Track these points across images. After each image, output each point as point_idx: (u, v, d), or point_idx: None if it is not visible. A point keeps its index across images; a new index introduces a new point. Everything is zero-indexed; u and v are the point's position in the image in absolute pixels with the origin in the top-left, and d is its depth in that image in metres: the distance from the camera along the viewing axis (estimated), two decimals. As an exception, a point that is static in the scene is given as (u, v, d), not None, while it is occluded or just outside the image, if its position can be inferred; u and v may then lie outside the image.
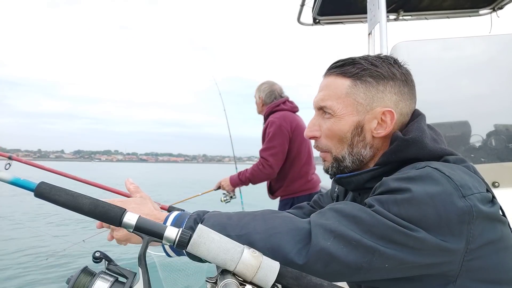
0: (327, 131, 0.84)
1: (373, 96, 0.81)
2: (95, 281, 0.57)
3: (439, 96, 1.68)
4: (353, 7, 2.66)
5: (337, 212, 0.68)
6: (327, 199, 1.11)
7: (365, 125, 0.82)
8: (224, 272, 0.56)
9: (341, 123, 0.82)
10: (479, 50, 1.72)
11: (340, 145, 0.84)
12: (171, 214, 0.75)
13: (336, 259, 0.63)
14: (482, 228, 0.64)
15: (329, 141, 0.85)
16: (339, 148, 0.84)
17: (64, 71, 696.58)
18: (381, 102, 0.81)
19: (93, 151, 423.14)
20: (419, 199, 0.63)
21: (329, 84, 0.84)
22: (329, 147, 0.86)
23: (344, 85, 0.82)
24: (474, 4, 2.69)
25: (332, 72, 0.85)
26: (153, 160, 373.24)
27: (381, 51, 1.61)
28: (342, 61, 0.85)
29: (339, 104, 0.82)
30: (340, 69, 0.83)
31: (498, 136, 1.64)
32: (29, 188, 0.63)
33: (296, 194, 2.75)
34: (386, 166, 0.79)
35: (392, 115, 0.81)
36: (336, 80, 0.83)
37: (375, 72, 0.81)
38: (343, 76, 0.83)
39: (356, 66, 0.82)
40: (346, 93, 0.81)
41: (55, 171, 1.92)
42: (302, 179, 2.74)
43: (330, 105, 0.82)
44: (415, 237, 0.62)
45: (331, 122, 0.83)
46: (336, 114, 0.82)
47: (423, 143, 0.76)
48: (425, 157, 0.76)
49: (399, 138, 0.78)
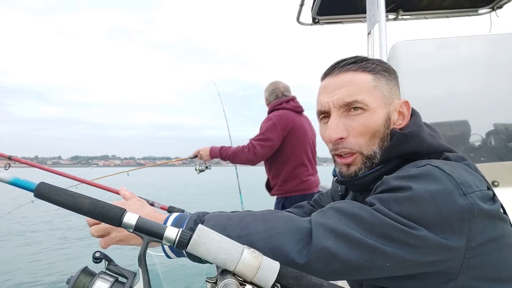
0: (361, 127, 0.79)
1: (391, 89, 0.83)
2: (95, 281, 0.57)
3: (438, 96, 1.68)
4: (353, 6, 2.66)
5: (338, 211, 0.68)
6: (327, 198, 1.10)
7: (391, 118, 0.82)
8: (224, 272, 0.56)
9: (376, 116, 0.79)
10: (479, 50, 1.72)
11: (372, 141, 0.80)
12: (171, 215, 0.74)
13: (337, 258, 0.63)
14: (483, 226, 0.65)
15: (361, 138, 0.79)
16: (370, 144, 0.80)
17: (60, 76, 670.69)
18: (397, 95, 0.84)
19: (90, 156, 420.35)
20: (420, 197, 0.64)
21: (351, 79, 0.80)
22: (360, 146, 0.80)
23: (368, 79, 0.80)
24: (473, 3, 2.69)
25: (348, 68, 0.81)
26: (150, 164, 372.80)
27: (381, 50, 1.61)
28: (352, 58, 0.83)
29: (370, 97, 0.79)
30: (357, 65, 0.81)
31: (497, 136, 1.65)
32: (28, 188, 0.63)
33: (289, 194, 2.78)
34: (388, 165, 0.79)
35: (408, 105, 0.83)
36: (358, 75, 0.80)
37: (385, 67, 0.84)
38: (363, 70, 0.80)
39: (370, 62, 0.82)
40: (374, 86, 0.80)
41: (55, 171, 1.92)
42: (295, 179, 2.76)
43: (362, 99, 0.78)
44: (416, 235, 0.62)
45: (364, 117, 0.78)
46: (369, 107, 0.78)
47: (421, 137, 0.77)
48: (424, 151, 0.76)
49: (397, 133, 0.79)
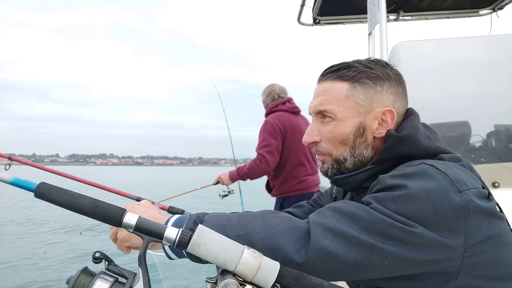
0: (328, 134, 0.84)
1: (372, 97, 0.82)
2: (95, 281, 0.57)
3: (439, 96, 1.68)
4: (353, 7, 2.66)
5: (335, 210, 0.69)
6: (326, 198, 1.11)
7: (366, 126, 0.83)
8: (224, 272, 0.56)
9: (343, 125, 0.82)
10: (479, 51, 1.72)
11: (342, 147, 0.84)
12: (172, 216, 0.75)
13: (336, 257, 0.63)
14: (480, 224, 0.65)
15: (330, 144, 0.85)
16: (340, 150, 0.84)
17: (60, 73, 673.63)
18: (380, 103, 0.83)
19: (88, 154, 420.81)
20: (415, 195, 0.64)
21: (327, 88, 0.85)
22: (330, 150, 0.85)
23: (343, 89, 0.83)
24: (474, 4, 2.69)
25: (328, 77, 0.86)
26: (148, 163, 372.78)
27: (381, 51, 1.61)
28: (336, 66, 0.86)
29: (340, 107, 0.82)
30: (336, 73, 0.84)
31: (498, 136, 1.64)
32: (29, 188, 0.63)
33: (287, 194, 2.83)
34: (382, 165, 0.80)
35: (392, 114, 0.82)
36: (334, 84, 0.84)
37: (371, 73, 0.83)
38: (340, 79, 0.84)
39: (352, 69, 0.83)
40: (346, 96, 0.82)
41: (55, 172, 1.92)
42: (294, 180, 2.80)
43: (330, 108, 0.83)
44: (414, 233, 0.62)
45: (332, 125, 0.83)
46: (337, 117, 0.83)
47: (416, 139, 0.77)
48: (420, 154, 0.77)
49: (393, 135, 0.79)
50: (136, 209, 0.76)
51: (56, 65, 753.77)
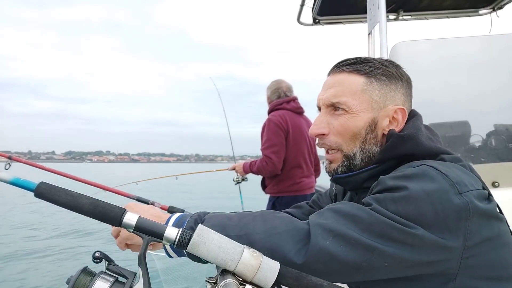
0: (340, 128, 0.82)
1: (387, 94, 0.82)
2: (95, 281, 0.57)
3: (439, 96, 1.68)
4: (353, 7, 2.66)
5: (336, 211, 0.69)
6: (326, 199, 1.11)
7: (378, 123, 0.82)
8: (224, 272, 0.56)
9: (356, 119, 0.81)
10: (479, 50, 1.72)
11: (352, 142, 0.83)
12: (173, 215, 0.75)
13: (336, 259, 0.63)
14: (479, 225, 0.65)
15: (340, 138, 0.83)
16: (350, 145, 0.83)
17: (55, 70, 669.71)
18: (393, 101, 0.83)
19: (84, 151, 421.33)
20: (416, 196, 0.64)
21: (341, 80, 0.83)
22: (339, 144, 0.84)
23: (359, 82, 0.82)
24: (474, 4, 2.69)
25: (344, 69, 0.84)
26: (145, 160, 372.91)
27: (381, 51, 1.61)
28: (352, 59, 0.85)
29: (355, 100, 0.81)
30: (353, 66, 0.83)
31: (498, 136, 1.64)
32: (29, 188, 0.63)
33: (281, 194, 2.83)
34: (383, 165, 0.80)
35: (404, 112, 0.83)
36: (350, 77, 0.83)
37: (387, 71, 0.83)
38: (357, 73, 0.83)
39: (369, 65, 0.83)
40: (362, 90, 0.82)
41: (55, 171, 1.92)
42: (289, 180, 2.80)
43: (345, 101, 0.81)
44: (414, 234, 0.62)
45: (344, 118, 0.82)
46: (351, 110, 0.81)
47: (418, 139, 0.77)
48: (421, 154, 0.77)
49: (394, 134, 0.79)
50: (136, 208, 0.77)
51: (51, 61, 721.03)
